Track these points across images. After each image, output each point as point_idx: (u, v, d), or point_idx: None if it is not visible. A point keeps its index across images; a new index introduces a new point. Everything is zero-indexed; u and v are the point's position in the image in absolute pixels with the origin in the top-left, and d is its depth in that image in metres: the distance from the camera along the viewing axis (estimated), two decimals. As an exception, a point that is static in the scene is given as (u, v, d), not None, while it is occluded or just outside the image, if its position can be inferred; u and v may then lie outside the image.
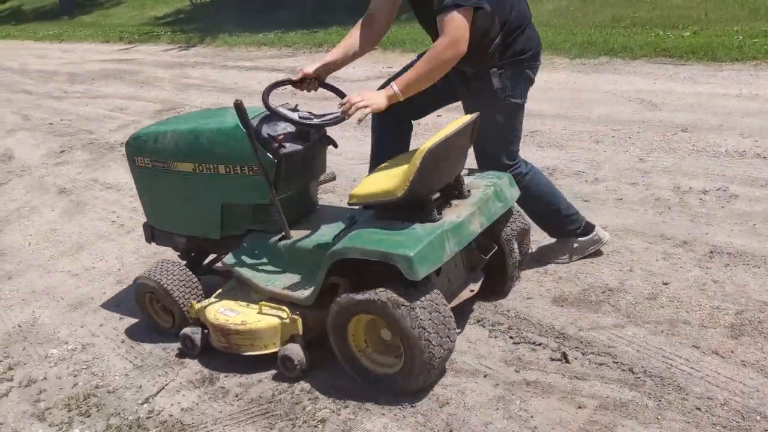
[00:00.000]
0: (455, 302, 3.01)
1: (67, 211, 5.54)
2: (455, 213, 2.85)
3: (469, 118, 2.90)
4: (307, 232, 3.20)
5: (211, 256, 3.75)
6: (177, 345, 3.36)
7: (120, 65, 11.76)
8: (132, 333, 3.61)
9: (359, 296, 2.66)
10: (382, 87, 3.03)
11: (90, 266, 4.49)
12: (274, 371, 3.06)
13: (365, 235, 2.74)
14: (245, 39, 12.23)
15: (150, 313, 3.54)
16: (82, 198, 5.77)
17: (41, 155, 7.20)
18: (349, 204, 2.96)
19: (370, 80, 8.03)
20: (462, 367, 2.92)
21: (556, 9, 10.93)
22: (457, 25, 2.77)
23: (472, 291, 3.12)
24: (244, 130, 2.98)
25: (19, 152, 7.44)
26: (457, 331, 2.90)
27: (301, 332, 2.97)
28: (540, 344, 3.01)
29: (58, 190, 6.04)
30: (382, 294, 2.61)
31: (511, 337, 3.09)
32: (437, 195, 2.85)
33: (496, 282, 3.33)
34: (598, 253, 3.66)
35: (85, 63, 12.63)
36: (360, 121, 2.91)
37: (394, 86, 2.87)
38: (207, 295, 3.36)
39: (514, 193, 3.18)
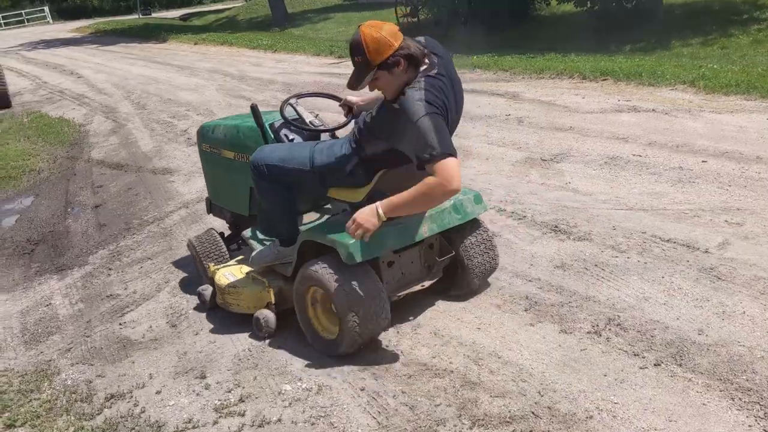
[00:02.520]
0: (404, 292, 3.56)
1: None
2: (406, 218, 3.30)
3: None
4: (307, 219, 3.95)
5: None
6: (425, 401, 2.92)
7: (332, 78, 11.79)
8: (373, 381, 3.19)
9: (310, 271, 3.31)
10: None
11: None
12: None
13: (328, 225, 3.47)
14: (456, 61, 11.86)
15: (197, 267, 4.35)
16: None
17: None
18: (329, 197, 3.55)
19: (605, 113, 7.33)
20: None
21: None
22: (447, 173, 2.83)
23: (422, 286, 3.62)
24: (262, 128, 3.78)
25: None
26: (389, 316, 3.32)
27: (273, 301, 3.65)
28: None
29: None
30: (326, 273, 3.24)
31: None
32: None
33: (454, 285, 3.80)
34: None
35: (299, 74, 12.83)
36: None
37: (379, 209, 3.03)
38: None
39: (477, 209, 3.63)
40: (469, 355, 3.28)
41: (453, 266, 3.71)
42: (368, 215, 3.03)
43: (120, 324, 4.12)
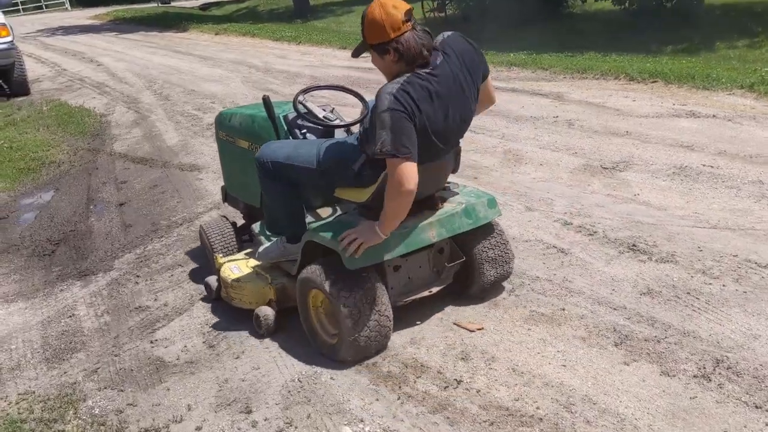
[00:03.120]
0: (410, 298, 3.40)
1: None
2: (414, 221, 3.20)
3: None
4: (315, 216, 3.78)
5: None
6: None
7: (363, 74, 11.34)
8: (448, 427, 2.75)
9: (312, 273, 3.20)
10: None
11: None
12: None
13: (331, 226, 3.31)
14: (491, 58, 11.38)
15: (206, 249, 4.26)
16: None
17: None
18: (336, 196, 3.41)
19: (661, 117, 6.86)
20: None
21: None
22: (396, 172, 2.85)
23: (430, 291, 3.45)
24: (273, 120, 3.72)
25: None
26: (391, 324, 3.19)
27: (275, 298, 3.55)
28: None
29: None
30: (327, 277, 3.11)
31: None
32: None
33: (464, 288, 3.63)
34: None
35: (326, 68, 12.40)
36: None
37: (378, 231, 3.04)
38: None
39: (489, 213, 3.45)
40: (557, 399, 2.84)
41: (464, 271, 3.56)
42: (370, 232, 3.04)
43: (151, 342, 3.71)
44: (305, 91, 3.66)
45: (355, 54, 3.12)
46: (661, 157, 5.66)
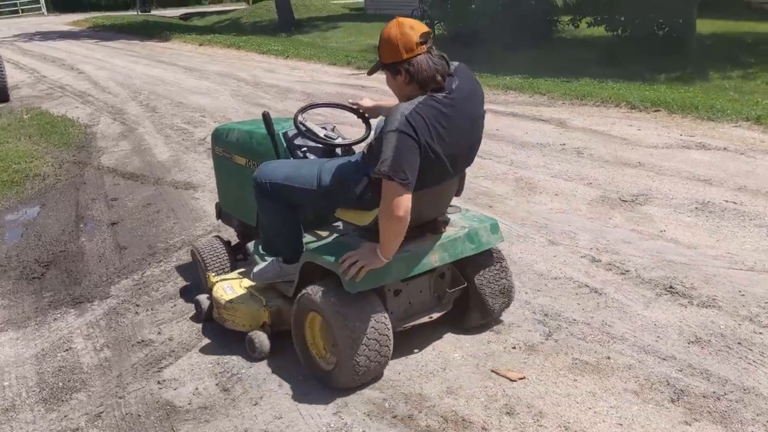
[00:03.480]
0: (410, 323, 3.28)
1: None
2: (416, 245, 3.13)
3: None
4: (313, 237, 3.62)
5: None
6: None
7: (355, 90, 11.12)
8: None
9: (310, 296, 3.09)
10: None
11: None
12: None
13: (331, 247, 3.26)
14: (486, 80, 11.23)
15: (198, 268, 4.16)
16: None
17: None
18: (337, 217, 3.38)
19: (671, 148, 6.72)
20: None
21: None
22: (389, 196, 2.82)
23: (430, 317, 3.35)
24: (273, 137, 3.61)
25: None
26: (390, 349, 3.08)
27: (269, 321, 3.45)
28: None
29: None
30: (326, 299, 3.02)
31: None
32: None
33: (466, 319, 3.52)
34: None
35: (318, 83, 12.15)
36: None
37: (380, 254, 2.96)
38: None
39: (492, 239, 3.38)
40: (620, 463, 2.60)
41: (464, 298, 3.46)
42: (371, 256, 2.97)
43: (158, 382, 3.40)
44: (306, 108, 3.57)
45: (371, 72, 3.17)
46: (679, 190, 5.49)
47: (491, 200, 5.55)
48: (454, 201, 3.40)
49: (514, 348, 3.42)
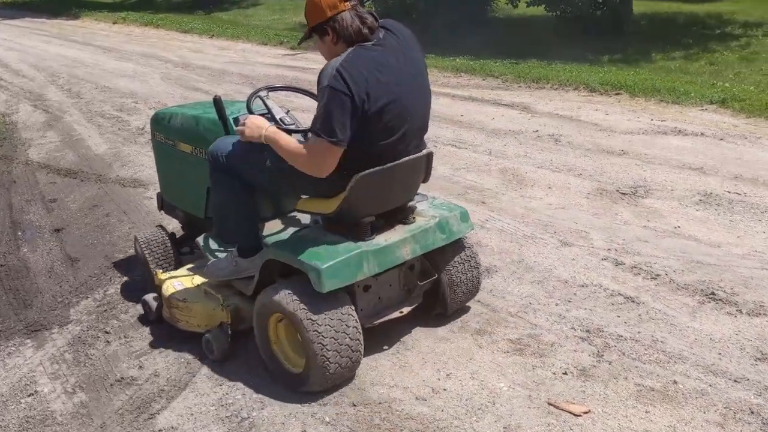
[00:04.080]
0: (380, 319, 3.12)
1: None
2: (387, 237, 2.99)
3: (421, 153, 3.01)
4: (272, 229, 3.41)
5: None
6: None
7: (295, 72, 10.52)
8: None
9: (274, 296, 2.88)
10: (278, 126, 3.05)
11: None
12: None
13: (296, 242, 3.01)
14: (432, 61, 10.81)
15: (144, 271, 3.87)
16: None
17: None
18: (296, 210, 3.18)
19: (648, 134, 6.49)
20: None
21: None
22: (315, 151, 2.78)
23: (401, 312, 3.18)
24: (225, 122, 3.36)
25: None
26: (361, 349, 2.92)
27: (228, 321, 3.19)
28: None
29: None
30: (292, 300, 2.82)
31: None
32: (373, 217, 2.97)
33: (433, 307, 3.38)
34: None
35: (252, 65, 11.45)
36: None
37: (265, 132, 2.92)
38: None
39: (463, 227, 3.26)
40: None
41: (432, 289, 3.33)
42: (255, 128, 2.95)
43: (155, 434, 2.84)
44: (259, 91, 3.32)
45: (301, 41, 3.08)
46: (676, 181, 5.23)
47: (481, 195, 5.14)
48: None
49: (565, 374, 3.03)
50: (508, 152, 6.15)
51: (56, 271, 4.39)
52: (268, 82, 9.75)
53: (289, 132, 3.17)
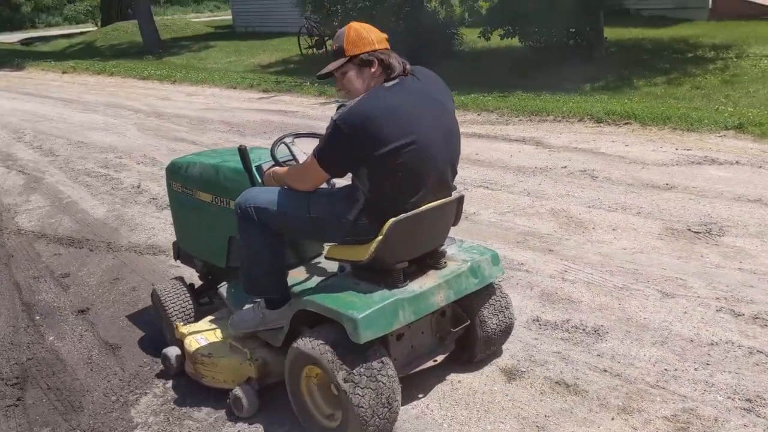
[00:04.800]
0: (415, 369, 3.02)
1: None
2: (420, 283, 2.91)
3: (452, 197, 2.96)
4: (297, 277, 3.30)
5: None
6: None
7: (280, 117, 10.08)
8: None
9: (308, 347, 2.77)
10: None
11: None
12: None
13: (328, 291, 2.91)
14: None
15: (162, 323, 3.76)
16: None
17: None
18: (326, 258, 3.04)
19: (682, 165, 6.27)
20: None
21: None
22: (307, 167, 2.91)
23: (435, 361, 3.09)
24: (250, 172, 3.28)
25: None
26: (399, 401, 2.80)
27: (256, 376, 3.11)
28: None
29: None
30: (327, 351, 2.70)
31: None
32: (406, 263, 2.88)
33: (465, 353, 3.29)
34: None
35: (230, 111, 10.95)
36: None
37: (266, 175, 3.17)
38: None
39: (494, 271, 3.17)
40: None
41: (465, 334, 3.24)
42: (269, 176, 3.13)
43: None
44: (283, 138, 3.36)
45: (324, 71, 2.94)
46: (740, 214, 4.98)
47: (544, 242, 4.79)
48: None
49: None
50: (547, 191, 5.83)
51: (97, 361, 3.83)
52: (254, 129, 9.32)
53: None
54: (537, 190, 5.91)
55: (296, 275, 3.34)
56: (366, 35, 2.84)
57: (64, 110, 12.07)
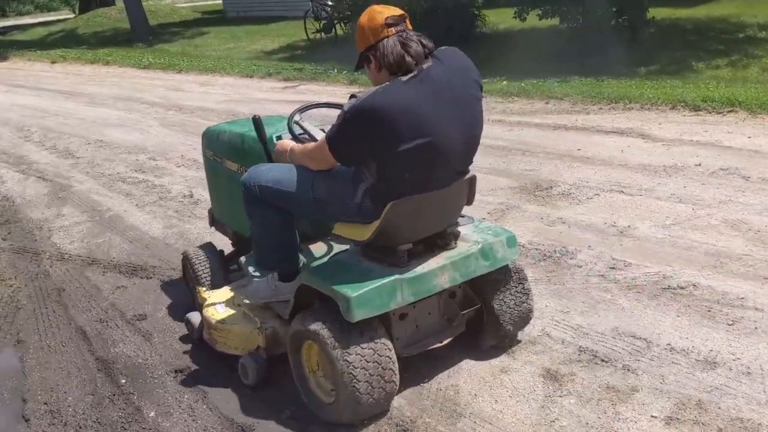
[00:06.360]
0: (418, 350, 2.99)
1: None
2: (424, 264, 2.85)
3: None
4: (313, 251, 3.33)
5: None
6: None
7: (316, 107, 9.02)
8: None
9: (306, 323, 2.80)
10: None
11: None
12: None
13: (330, 267, 2.99)
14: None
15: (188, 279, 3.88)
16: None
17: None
18: (333, 234, 3.02)
19: None
20: None
21: None
22: (318, 147, 2.84)
23: (440, 342, 3.05)
24: (265, 144, 3.28)
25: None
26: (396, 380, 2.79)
27: (264, 345, 3.10)
28: None
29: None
30: (323, 328, 2.72)
31: None
32: (410, 245, 2.82)
33: (481, 338, 3.22)
34: None
35: (257, 102, 9.87)
36: None
37: (289, 154, 3.01)
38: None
39: (509, 254, 3.08)
40: None
41: (477, 318, 3.14)
42: (283, 150, 3.03)
43: None
44: (303, 110, 3.32)
45: (357, 69, 2.86)
46: None
47: (748, 266, 3.86)
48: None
49: None
50: (702, 196, 4.90)
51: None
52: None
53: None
54: (687, 195, 4.98)
55: (314, 249, 3.34)
56: (363, 28, 2.71)
57: (67, 104, 10.91)
